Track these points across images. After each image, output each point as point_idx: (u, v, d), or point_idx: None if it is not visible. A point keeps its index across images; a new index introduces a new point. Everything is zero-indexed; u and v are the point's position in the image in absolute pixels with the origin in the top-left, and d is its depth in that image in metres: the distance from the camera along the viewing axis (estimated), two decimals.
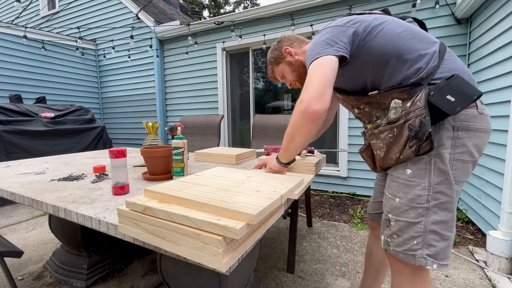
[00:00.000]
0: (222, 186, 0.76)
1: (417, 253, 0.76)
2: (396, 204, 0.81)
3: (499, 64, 1.99)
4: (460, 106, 0.71)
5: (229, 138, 4.20)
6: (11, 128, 2.98)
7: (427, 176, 0.76)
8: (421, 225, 0.76)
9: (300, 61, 1.07)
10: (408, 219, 0.78)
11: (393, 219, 0.82)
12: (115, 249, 1.70)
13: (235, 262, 0.59)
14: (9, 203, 2.96)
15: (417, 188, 0.77)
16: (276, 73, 1.16)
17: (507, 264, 1.61)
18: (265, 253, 1.88)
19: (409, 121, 0.75)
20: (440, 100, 0.71)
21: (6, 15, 6.53)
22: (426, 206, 0.76)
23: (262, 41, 3.53)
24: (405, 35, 0.81)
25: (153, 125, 1.75)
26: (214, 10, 17.57)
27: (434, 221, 0.75)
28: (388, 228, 0.84)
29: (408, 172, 0.79)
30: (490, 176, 2.03)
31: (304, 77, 0.98)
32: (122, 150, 0.95)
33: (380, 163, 0.89)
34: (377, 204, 1.13)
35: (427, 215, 0.76)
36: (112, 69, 5.07)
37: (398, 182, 0.82)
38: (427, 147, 0.73)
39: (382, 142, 0.83)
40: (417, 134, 0.73)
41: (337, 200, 3.06)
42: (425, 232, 0.76)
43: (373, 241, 1.21)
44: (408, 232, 0.78)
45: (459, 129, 0.75)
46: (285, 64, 1.11)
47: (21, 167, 1.53)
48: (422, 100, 0.73)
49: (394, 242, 0.82)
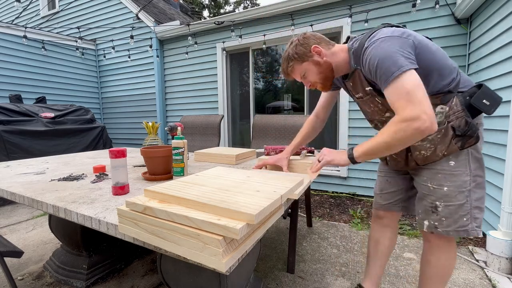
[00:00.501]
0: (222, 186, 0.76)
1: (468, 227, 0.93)
2: (444, 192, 0.94)
3: (499, 64, 1.99)
4: (493, 108, 0.88)
5: (229, 138, 4.20)
6: (11, 128, 2.98)
7: (468, 165, 0.92)
8: (468, 204, 0.92)
9: (328, 63, 1.02)
10: (458, 202, 0.93)
11: (441, 205, 0.95)
12: (115, 249, 1.70)
13: (235, 262, 0.59)
14: (9, 203, 2.96)
15: (462, 176, 0.92)
16: (296, 71, 1.06)
17: (507, 264, 1.61)
18: (265, 253, 1.88)
19: (451, 122, 0.90)
20: (479, 103, 0.87)
21: (6, 15, 6.53)
22: (469, 188, 0.92)
23: (262, 41, 3.53)
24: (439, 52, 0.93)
25: (153, 125, 1.75)
26: (214, 10, 17.58)
27: (475, 199, 0.93)
28: (434, 213, 0.97)
29: (452, 163, 0.93)
30: (490, 176, 2.03)
31: (330, 79, 1.07)
32: (122, 150, 0.95)
33: (420, 162, 0.99)
34: (388, 194, 1.21)
35: (470, 196, 0.92)
36: (112, 69, 5.07)
37: (444, 173, 0.95)
38: (472, 142, 0.90)
39: (429, 143, 0.94)
40: (465, 132, 0.88)
41: (337, 200, 3.06)
42: (471, 209, 0.92)
43: (379, 231, 1.27)
44: (458, 213, 0.93)
45: (480, 125, 0.93)
46: (311, 63, 1.03)
47: (21, 167, 1.53)
48: (458, 105, 0.89)
49: (443, 224, 0.95)
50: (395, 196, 1.19)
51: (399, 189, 1.18)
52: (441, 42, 2.67)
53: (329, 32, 3.25)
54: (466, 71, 2.59)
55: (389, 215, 1.23)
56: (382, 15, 2.91)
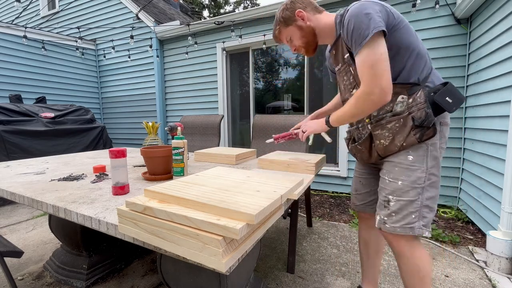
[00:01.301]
0: (222, 186, 0.76)
1: (415, 225, 0.92)
2: (398, 186, 0.94)
3: (499, 64, 1.99)
4: (455, 106, 0.88)
5: (229, 138, 4.20)
6: (11, 128, 2.98)
7: (425, 161, 0.92)
8: (418, 201, 0.91)
9: (311, 28, 1.05)
10: (409, 198, 0.92)
11: (393, 200, 0.94)
12: (115, 249, 1.70)
13: (235, 262, 0.59)
14: (9, 203, 2.96)
15: (418, 171, 0.91)
16: (283, 34, 1.12)
17: (507, 264, 1.61)
18: (265, 253, 1.88)
19: (412, 113, 0.89)
20: (442, 100, 0.88)
21: (6, 15, 6.53)
22: (423, 186, 0.91)
23: (262, 41, 3.53)
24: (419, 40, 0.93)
25: (153, 125, 1.75)
26: (214, 10, 17.57)
27: (427, 198, 0.92)
28: (386, 208, 0.97)
29: (410, 158, 0.93)
30: (490, 176, 2.03)
31: (312, 44, 1.10)
32: (122, 150, 0.95)
33: (381, 152, 0.99)
34: (362, 195, 1.23)
35: (422, 193, 0.91)
36: (112, 69, 5.07)
37: (401, 167, 0.94)
38: (431, 133, 0.89)
39: (388, 131, 0.94)
40: (423, 122, 0.88)
41: (337, 200, 3.06)
42: (421, 207, 0.91)
43: (365, 232, 1.28)
44: (407, 209, 0.92)
45: (442, 124, 0.94)
46: (295, 27, 1.07)
47: (21, 167, 1.53)
48: (422, 97, 0.89)
49: (392, 220, 0.95)
50: (369, 197, 1.20)
51: (372, 190, 1.18)
52: (441, 42, 2.67)
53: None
54: (466, 71, 2.59)
55: (370, 217, 1.23)
56: None
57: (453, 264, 1.72)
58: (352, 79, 1.01)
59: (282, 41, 1.16)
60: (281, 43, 1.18)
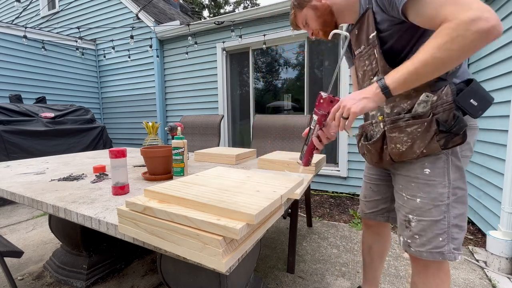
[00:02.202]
0: (222, 186, 0.76)
1: (445, 249, 0.78)
2: (417, 204, 0.82)
3: (499, 64, 1.99)
4: (481, 110, 0.72)
5: (229, 138, 4.20)
6: (11, 128, 2.98)
7: (446, 174, 0.78)
8: (445, 221, 0.78)
9: (327, 5, 0.93)
10: (432, 217, 0.79)
11: (414, 220, 0.82)
12: (115, 249, 1.70)
13: (235, 262, 0.59)
14: (9, 203, 2.96)
15: (438, 187, 0.78)
16: (299, 18, 1.02)
17: (507, 264, 1.61)
18: (265, 253, 1.88)
19: (436, 115, 0.74)
20: (465, 103, 0.72)
21: (6, 15, 6.53)
22: (447, 202, 0.77)
23: (262, 41, 3.53)
24: None
25: (153, 125, 1.75)
26: (214, 10, 17.58)
27: (455, 216, 0.78)
28: (408, 229, 0.85)
29: (427, 171, 0.79)
30: (490, 176, 2.03)
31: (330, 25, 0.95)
32: (122, 150, 0.95)
33: (395, 157, 0.84)
34: (372, 203, 1.13)
35: (448, 211, 0.78)
36: (112, 69, 5.07)
37: (418, 182, 0.82)
38: (458, 141, 0.74)
39: (407, 136, 0.79)
40: (451, 128, 0.72)
41: (337, 200, 3.06)
42: (448, 227, 0.78)
43: (371, 237, 1.22)
44: (432, 231, 0.79)
45: (471, 129, 0.78)
46: (309, 8, 0.97)
47: (21, 167, 1.53)
48: (449, 95, 0.72)
49: (416, 243, 0.82)
50: (379, 205, 1.11)
51: (383, 197, 1.09)
52: None
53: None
54: None
55: (378, 224, 1.16)
56: None
57: (453, 264, 1.72)
58: (375, 63, 0.85)
59: (300, 27, 1.06)
60: (299, 29, 1.08)
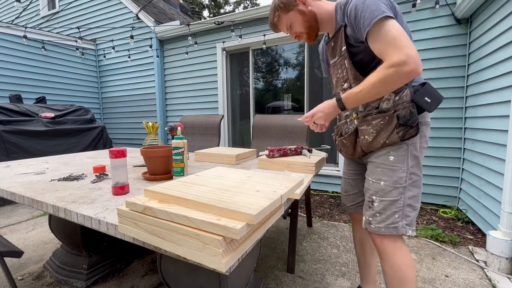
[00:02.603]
0: (222, 186, 0.76)
1: (399, 224, 0.92)
2: (381, 186, 0.95)
3: (499, 64, 1.99)
4: (434, 106, 0.89)
5: (229, 138, 4.20)
6: (11, 128, 2.98)
7: (406, 161, 0.93)
8: (401, 201, 0.92)
9: (313, 12, 1.01)
10: (392, 197, 0.93)
11: (377, 200, 0.95)
12: (115, 249, 1.70)
13: (235, 262, 0.59)
14: (9, 203, 2.96)
15: (399, 171, 0.93)
16: (283, 21, 1.06)
17: (507, 264, 1.61)
18: (265, 253, 1.88)
19: (397, 111, 0.90)
20: (421, 100, 0.89)
21: (6, 15, 6.53)
22: (404, 185, 0.92)
23: (262, 41, 3.53)
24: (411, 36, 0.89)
25: (153, 125, 1.75)
26: (214, 10, 17.57)
27: (409, 197, 0.93)
28: (370, 209, 0.97)
29: (391, 158, 0.94)
30: (490, 176, 2.03)
31: (315, 29, 1.06)
32: (122, 150, 0.95)
33: (364, 148, 1.00)
34: (351, 196, 1.23)
35: (404, 193, 0.92)
36: (112, 69, 5.07)
37: (382, 167, 0.95)
38: (413, 133, 0.89)
39: (373, 128, 0.95)
40: (407, 121, 0.88)
41: (337, 200, 3.06)
42: (403, 206, 0.92)
43: (359, 232, 1.27)
44: (391, 209, 0.93)
45: (422, 124, 0.94)
46: (296, 12, 1.02)
47: (21, 167, 1.53)
48: (408, 95, 0.89)
49: (376, 220, 0.95)
50: (357, 198, 1.20)
51: (360, 191, 1.17)
52: (441, 42, 2.67)
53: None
54: (466, 71, 2.59)
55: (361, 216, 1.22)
56: None
57: (453, 264, 1.72)
58: (346, 72, 1.01)
59: (281, 29, 1.10)
60: (279, 31, 1.11)
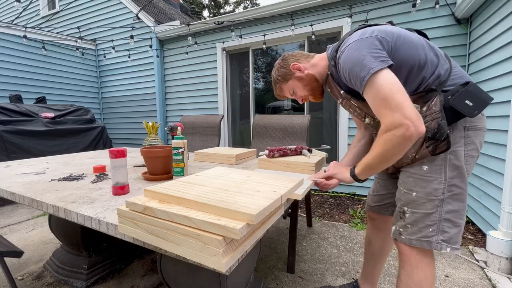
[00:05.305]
0: (222, 186, 0.76)
1: (432, 239, 0.85)
2: (412, 197, 0.89)
3: (499, 64, 1.99)
4: (477, 110, 0.80)
5: (229, 138, 4.20)
6: (11, 128, 2.98)
7: (443, 172, 0.84)
8: (436, 214, 0.85)
9: (311, 75, 1.05)
10: (425, 210, 0.86)
11: (408, 212, 0.90)
12: (115, 249, 1.70)
13: (235, 262, 0.59)
14: (9, 203, 2.96)
15: (434, 183, 0.85)
16: (285, 90, 1.13)
17: (507, 264, 1.61)
18: (265, 253, 1.88)
19: (425, 123, 0.80)
20: (460, 104, 0.80)
21: (6, 15, 6.53)
22: (441, 198, 0.84)
23: (262, 41, 3.53)
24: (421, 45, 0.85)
25: (153, 125, 1.75)
26: (214, 10, 17.58)
27: (448, 211, 0.84)
28: (402, 219, 0.92)
29: (425, 168, 0.87)
30: (490, 176, 2.03)
31: (317, 89, 1.08)
32: (122, 150, 0.95)
33: (395, 164, 0.92)
34: (378, 197, 1.19)
35: (441, 206, 0.84)
36: (112, 69, 5.07)
37: (415, 177, 0.89)
38: (443, 147, 0.82)
39: None
40: (435, 135, 0.81)
41: (337, 200, 3.06)
42: (439, 221, 0.85)
43: (371, 232, 1.27)
44: (424, 222, 0.86)
45: (469, 129, 0.84)
46: (295, 80, 1.08)
47: (21, 167, 1.53)
48: (437, 105, 0.80)
49: (408, 231, 0.90)
50: (384, 200, 1.18)
51: (388, 192, 1.15)
52: (441, 42, 2.67)
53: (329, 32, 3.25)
54: (466, 71, 2.59)
55: (381, 218, 1.21)
56: (382, 15, 2.91)
57: (453, 264, 1.72)
58: (359, 110, 0.99)
59: (287, 96, 1.16)
60: (285, 98, 1.17)
